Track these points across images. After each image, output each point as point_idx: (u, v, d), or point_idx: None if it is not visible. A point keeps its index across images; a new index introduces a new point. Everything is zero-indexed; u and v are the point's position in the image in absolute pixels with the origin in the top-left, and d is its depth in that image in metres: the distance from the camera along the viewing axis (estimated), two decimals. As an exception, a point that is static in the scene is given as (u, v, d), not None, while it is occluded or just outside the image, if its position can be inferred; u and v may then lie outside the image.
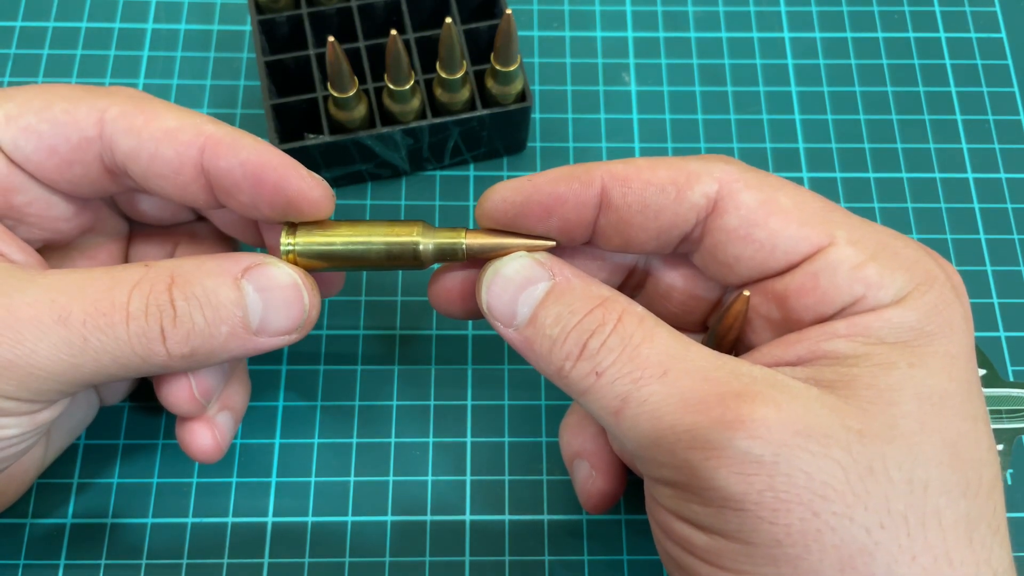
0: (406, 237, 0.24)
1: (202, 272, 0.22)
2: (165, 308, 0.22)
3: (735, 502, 0.19)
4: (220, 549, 0.31)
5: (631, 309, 0.22)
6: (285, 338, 0.24)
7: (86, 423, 0.30)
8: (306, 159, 0.34)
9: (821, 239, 0.21)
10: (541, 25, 0.41)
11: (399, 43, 0.31)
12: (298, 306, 0.24)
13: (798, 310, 0.22)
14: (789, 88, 0.40)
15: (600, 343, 0.21)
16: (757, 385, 0.20)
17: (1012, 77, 0.40)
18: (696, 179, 0.22)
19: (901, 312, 0.21)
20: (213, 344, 0.22)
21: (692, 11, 0.41)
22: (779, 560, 0.19)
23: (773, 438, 0.19)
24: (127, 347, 0.22)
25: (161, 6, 0.40)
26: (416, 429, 0.33)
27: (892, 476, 0.19)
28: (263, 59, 0.34)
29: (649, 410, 0.20)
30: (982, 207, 0.37)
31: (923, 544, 0.19)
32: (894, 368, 0.20)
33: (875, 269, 0.21)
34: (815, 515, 0.19)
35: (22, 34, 0.39)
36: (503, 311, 0.23)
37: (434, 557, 0.31)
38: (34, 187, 0.25)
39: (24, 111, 0.24)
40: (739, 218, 0.22)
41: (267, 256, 0.24)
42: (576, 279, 0.23)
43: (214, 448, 0.27)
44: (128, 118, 0.24)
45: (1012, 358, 0.35)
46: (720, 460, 0.19)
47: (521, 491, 0.32)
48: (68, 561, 0.30)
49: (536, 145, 0.38)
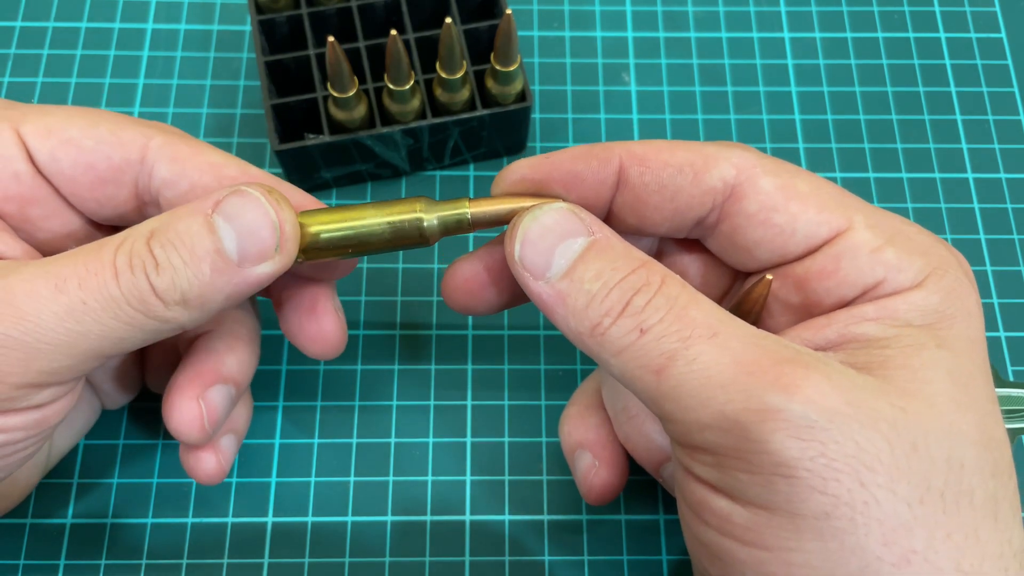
0: (409, 214, 0.24)
1: (175, 217, 0.22)
2: (147, 258, 0.22)
3: (787, 468, 0.18)
4: (220, 549, 0.31)
5: (672, 273, 0.22)
6: (270, 264, 0.23)
7: (87, 427, 0.30)
8: (306, 159, 0.34)
9: (840, 223, 0.22)
10: (541, 25, 0.41)
11: (399, 43, 0.31)
12: (267, 224, 0.22)
13: (819, 293, 0.22)
14: (789, 88, 0.40)
15: (646, 300, 0.21)
16: (806, 357, 0.20)
17: (1012, 77, 0.40)
18: (714, 163, 0.22)
19: (924, 295, 0.21)
20: (201, 284, 0.22)
21: (692, 11, 0.41)
22: (825, 534, 0.18)
23: (828, 404, 0.19)
24: (124, 304, 0.21)
25: (161, 6, 0.40)
26: (416, 429, 0.33)
27: (933, 454, 0.19)
28: (263, 59, 0.34)
29: (699, 368, 0.20)
30: (982, 207, 0.37)
31: (957, 521, 0.19)
32: (924, 349, 0.20)
33: (893, 252, 0.21)
34: (862, 486, 0.18)
35: (22, 34, 0.39)
36: (536, 261, 0.22)
37: (434, 557, 0.31)
38: (54, 202, 0.25)
39: (67, 126, 0.24)
40: (758, 203, 0.22)
41: (233, 185, 0.23)
42: (616, 239, 0.22)
43: (218, 472, 0.27)
44: (173, 147, 0.24)
45: (1012, 358, 0.35)
46: (777, 423, 0.19)
47: (521, 491, 0.32)
48: (68, 561, 0.30)
49: (536, 145, 0.38)
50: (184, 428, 0.25)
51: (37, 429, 0.23)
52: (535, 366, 0.34)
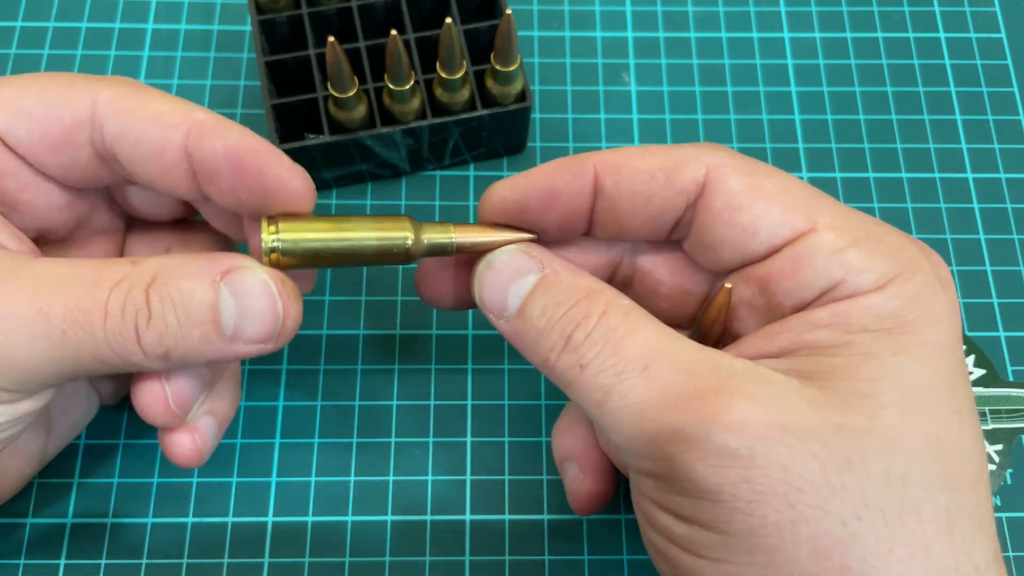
0: (396, 233, 0.24)
1: (182, 272, 0.22)
2: (141, 308, 0.21)
3: (712, 493, 0.19)
4: (220, 549, 0.31)
5: (617, 302, 0.22)
6: (261, 346, 0.23)
7: (86, 420, 0.30)
8: (306, 159, 0.34)
9: (802, 224, 0.22)
10: (541, 25, 0.41)
11: (399, 43, 0.31)
12: (272, 315, 0.23)
13: (779, 295, 0.22)
14: (789, 88, 0.40)
15: (585, 335, 0.22)
16: (736, 379, 0.20)
17: (1012, 77, 0.40)
18: (684, 165, 0.23)
19: (882, 298, 0.20)
20: (188, 347, 0.22)
21: (692, 11, 0.41)
22: (755, 550, 0.19)
23: (749, 432, 0.19)
24: (104, 344, 0.21)
25: (161, 6, 0.40)
26: (416, 429, 0.33)
27: (869, 469, 0.19)
28: (263, 59, 0.34)
29: (631, 403, 0.21)
30: (982, 207, 0.37)
31: (900, 536, 0.19)
32: (875, 357, 0.20)
33: (856, 254, 0.21)
34: (790, 506, 0.19)
35: (22, 34, 0.39)
36: (494, 302, 0.24)
37: (434, 557, 0.31)
38: (27, 173, 0.24)
39: (21, 94, 0.23)
40: (724, 201, 0.22)
41: (247, 259, 0.23)
42: (564, 271, 0.23)
43: (194, 453, 0.26)
44: (120, 100, 0.23)
45: (1012, 358, 0.35)
46: (697, 453, 0.19)
47: (521, 491, 0.32)
48: (68, 561, 0.30)
49: (536, 145, 0.38)
50: (148, 410, 0.24)
51: (12, 416, 0.23)
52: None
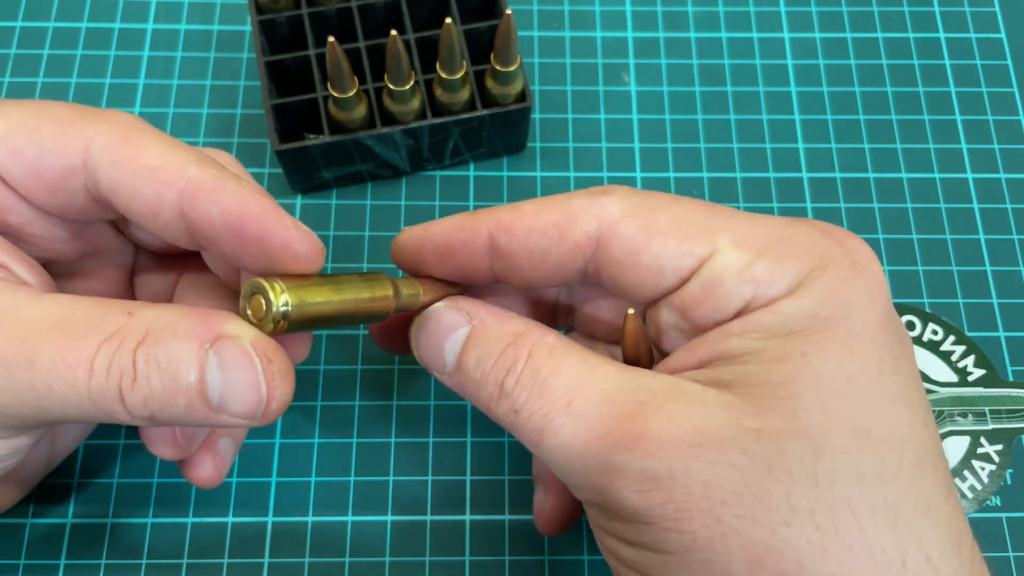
0: (382, 295, 0.23)
1: (173, 332, 0.21)
2: (126, 369, 0.20)
3: (642, 516, 0.20)
4: (220, 549, 0.31)
5: (541, 341, 0.22)
6: (245, 422, 0.22)
7: (91, 429, 0.30)
8: (306, 159, 0.34)
9: (703, 249, 0.21)
10: (541, 25, 0.41)
11: (399, 43, 0.31)
12: (255, 394, 0.21)
13: (699, 320, 0.22)
14: (789, 88, 0.40)
15: (515, 381, 0.22)
16: (655, 400, 0.20)
17: (1012, 77, 0.40)
18: (576, 219, 0.22)
19: (792, 302, 0.20)
20: (173, 412, 0.21)
21: (692, 11, 0.41)
22: (691, 565, 0.19)
23: (667, 454, 0.19)
24: (88, 401, 0.20)
25: (161, 6, 0.40)
26: (416, 429, 0.33)
27: (793, 472, 0.19)
28: (263, 59, 0.34)
29: (561, 442, 0.21)
30: (982, 207, 0.37)
31: (834, 536, 0.18)
32: (787, 360, 0.20)
33: (763, 267, 0.21)
34: (717, 520, 0.19)
35: (22, 34, 0.39)
36: (434, 360, 0.24)
37: (434, 557, 0.31)
38: (27, 208, 0.24)
39: (15, 131, 0.22)
40: (622, 248, 0.22)
41: (238, 324, 0.21)
42: (491, 319, 0.23)
43: (215, 477, 0.27)
44: (113, 150, 0.22)
45: (1012, 358, 0.35)
46: (623, 481, 0.20)
47: (521, 491, 0.32)
48: (68, 561, 0.30)
49: (536, 145, 0.38)
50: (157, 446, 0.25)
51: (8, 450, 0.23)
52: (535, 366, 0.34)
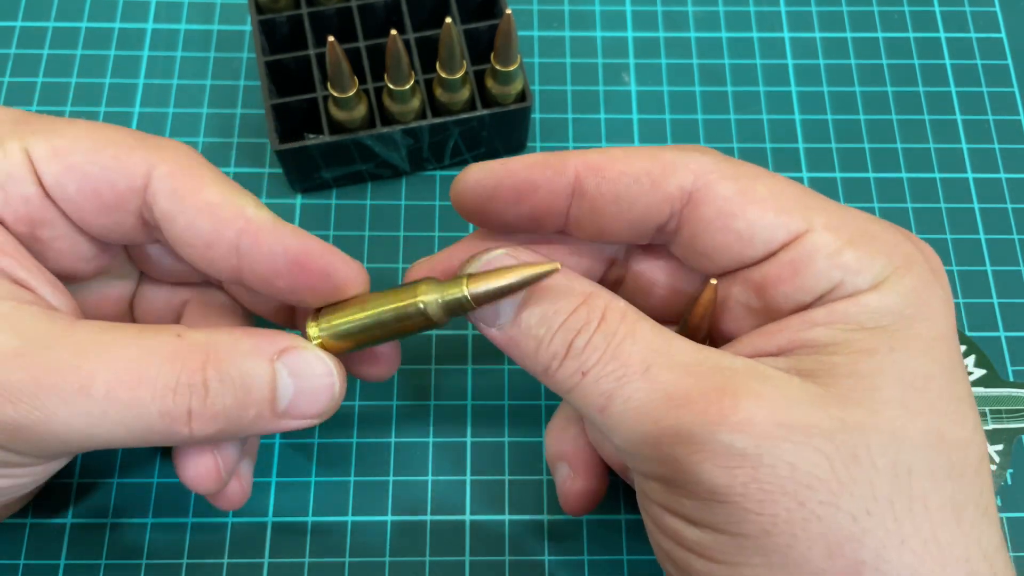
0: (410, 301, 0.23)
1: (239, 351, 0.22)
2: (196, 388, 0.21)
3: (721, 495, 0.19)
4: (220, 549, 0.31)
5: (613, 304, 0.22)
6: (309, 421, 0.23)
7: None
8: (306, 159, 0.34)
9: (798, 226, 0.21)
10: (541, 25, 0.41)
11: (399, 43, 0.31)
12: (328, 393, 0.23)
13: (777, 298, 0.22)
14: (789, 88, 0.40)
15: (585, 342, 0.21)
16: (739, 378, 0.20)
17: (1012, 77, 0.40)
18: (671, 170, 0.22)
19: (879, 297, 0.20)
20: (240, 425, 0.22)
21: (692, 11, 0.41)
22: (768, 550, 0.19)
23: (756, 431, 0.19)
24: (146, 423, 0.21)
25: (161, 6, 0.40)
26: (416, 429, 0.33)
27: (876, 463, 0.19)
28: (263, 59, 0.34)
29: (634, 407, 0.20)
30: (982, 207, 0.37)
31: (911, 528, 0.19)
32: (874, 354, 0.20)
33: (853, 255, 0.21)
34: (801, 504, 0.19)
35: (22, 34, 0.39)
36: (486, 310, 0.23)
37: (434, 557, 0.31)
38: (63, 224, 0.24)
39: (74, 149, 0.23)
40: (716, 208, 0.22)
41: (301, 339, 0.23)
42: (560, 275, 0.22)
43: (242, 497, 0.27)
44: (174, 180, 0.23)
45: (1012, 358, 0.35)
46: (704, 454, 0.19)
47: (521, 491, 0.32)
48: (68, 561, 0.30)
49: (536, 145, 0.38)
50: (200, 481, 0.25)
51: (44, 476, 0.24)
52: (535, 366, 0.34)
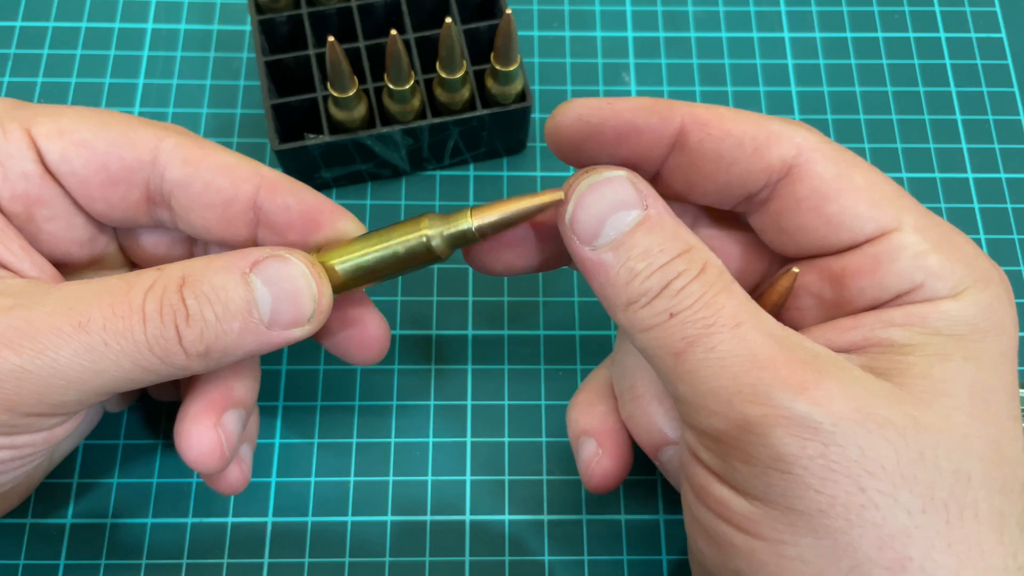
0: (414, 234, 0.24)
1: (211, 270, 0.23)
2: (178, 308, 0.22)
3: (785, 463, 0.19)
4: (220, 549, 0.31)
5: (714, 259, 0.22)
6: (299, 330, 0.24)
7: (89, 430, 0.30)
8: (306, 159, 0.34)
9: (889, 222, 0.21)
10: (541, 25, 0.41)
11: (399, 43, 0.31)
12: (307, 295, 0.23)
13: (853, 291, 0.22)
14: (789, 88, 0.40)
15: (682, 286, 0.21)
16: (822, 360, 0.20)
17: (1012, 77, 0.40)
18: (776, 140, 0.22)
19: (959, 306, 0.21)
20: (227, 340, 0.23)
21: (692, 11, 0.41)
22: (819, 531, 0.19)
23: (835, 409, 0.19)
24: (146, 349, 0.22)
25: (161, 6, 0.40)
26: (416, 429, 0.33)
27: (940, 465, 0.19)
28: (263, 59, 0.34)
29: (716, 357, 0.20)
30: (982, 207, 0.37)
31: (960, 533, 0.19)
32: (948, 360, 0.20)
33: (937, 259, 0.21)
34: (861, 490, 0.19)
35: (22, 34, 0.39)
36: (587, 227, 0.22)
37: (434, 557, 0.31)
38: (61, 203, 0.25)
39: (79, 127, 0.24)
40: (811, 188, 0.22)
41: (273, 248, 0.24)
42: (667, 216, 0.22)
43: (243, 481, 0.28)
44: (185, 149, 0.24)
45: (1012, 358, 0.35)
46: (778, 419, 0.19)
47: (521, 491, 0.32)
48: (68, 561, 0.30)
49: (536, 145, 0.38)
50: (204, 459, 0.25)
51: (44, 446, 0.24)
52: (535, 366, 0.34)
